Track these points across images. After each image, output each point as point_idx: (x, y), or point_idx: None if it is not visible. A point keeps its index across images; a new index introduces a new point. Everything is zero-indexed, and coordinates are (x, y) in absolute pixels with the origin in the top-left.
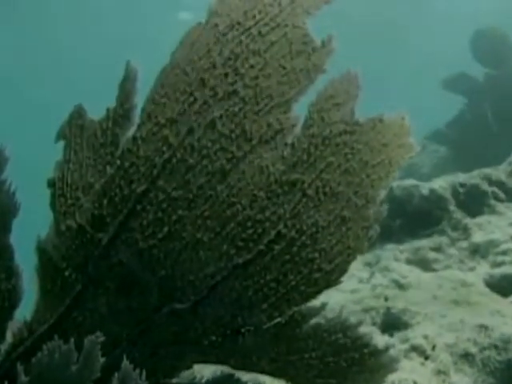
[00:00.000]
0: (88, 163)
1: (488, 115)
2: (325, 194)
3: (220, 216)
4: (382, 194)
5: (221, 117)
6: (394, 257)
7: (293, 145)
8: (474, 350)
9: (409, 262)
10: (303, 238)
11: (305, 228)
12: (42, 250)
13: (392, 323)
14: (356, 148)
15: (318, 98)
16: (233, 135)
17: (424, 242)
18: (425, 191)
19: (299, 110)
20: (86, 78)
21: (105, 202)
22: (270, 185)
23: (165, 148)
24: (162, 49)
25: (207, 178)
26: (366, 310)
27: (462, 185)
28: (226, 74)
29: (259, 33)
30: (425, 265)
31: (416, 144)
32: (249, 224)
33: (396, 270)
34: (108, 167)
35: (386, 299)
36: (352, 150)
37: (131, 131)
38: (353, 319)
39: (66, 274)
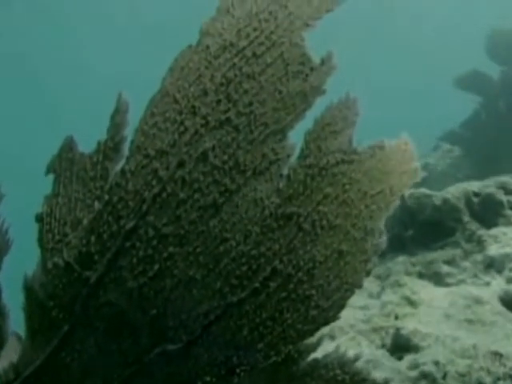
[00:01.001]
0: (77, 197)
1: (503, 114)
2: (322, 227)
3: (213, 252)
4: (381, 224)
5: (213, 148)
6: (406, 270)
7: (288, 176)
8: (487, 380)
9: (421, 275)
10: (300, 274)
11: (301, 263)
12: (28, 289)
13: (402, 345)
14: (354, 178)
15: (314, 126)
16: (225, 167)
17: (437, 255)
18: (437, 201)
19: (295, 134)
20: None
21: (93, 238)
22: (265, 219)
23: (154, 182)
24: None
25: (199, 212)
26: (376, 330)
27: (476, 194)
28: (219, 101)
29: (254, 54)
30: (437, 279)
31: (420, 169)
32: (243, 260)
33: (407, 286)
34: (96, 202)
35: (397, 317)
36: (350, 181)
37: (120, 164)
38: (351, 353)
39: (53, 313)
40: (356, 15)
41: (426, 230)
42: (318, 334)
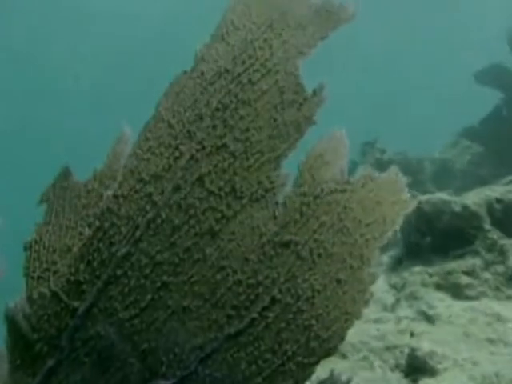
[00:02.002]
0: (68, 225)
1: None
2: (319, 255)
3: (209, 281)
4: (377, 254)
5: (209, 173)
6: (422, 281)
7: (285, 204)
8: None
9: (438, 287)
10: (299, 303)
11: (300, 292)
12: (10, 320)
13: (417, 367)
14: (348, 207)
15: (307, 157)
16: (222, 193)
17: (455, 265)
18: (457, 207)
19: (287, 164)
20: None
21: (82, 266)
22: (263, 246)
23: (148, 207)
24: None
25: (195, 239)
26: (390, 349)
27: (498, 200)
28: (215, 127)
29: (249, 80)
30: (456, 291)
31: (411, 199)
32: (240, 290)
33: (424, 299)
34: (87, 228)
35: (412, 335)
36: (344, 210)
37: (113, 189)
38: (344, 377)
39: (37, 347)
40: None
41: (444, 238)
42: None
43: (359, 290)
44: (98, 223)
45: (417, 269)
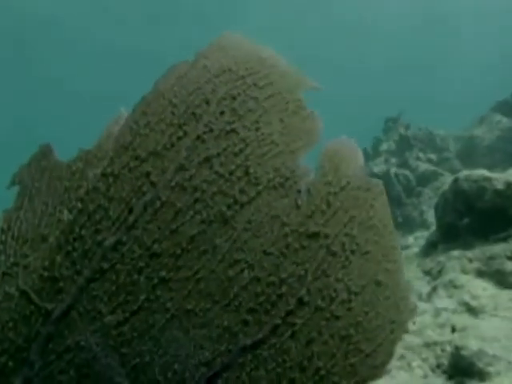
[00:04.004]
0: (44, 210)
1: None
2: (353, 251)
3: (219, 278)
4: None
5: (218, 155)
6: (461, 267)
7: (309, 192)
8: None
9: (480, 274)
10: (333, 306)
11: (333, 294)
12: None
13: (462, 369)
14: (375, 207)
15: (325, 151)
16: (233, 177)
17: (498, 248)
18: (499, 185)
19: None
20: None
21: (58, 259)
22: (285, 237)
23: (145, 188)
24: None
25: (201, 227)
26: (429, 346)
27: None
28: (222, 113)
29: (254, 84)
30: (500, 278)
31: None
32: (259, 289)
33: (465, 287)
34: (66, 213)
35: (454, 330)
36: (372, 208)
37: (101, 167)
38: None
39: (1, 361)
40: None
41: (484, 219)
42: None
43: (401, 296)
44: (80, 205)
45: (455, 253)
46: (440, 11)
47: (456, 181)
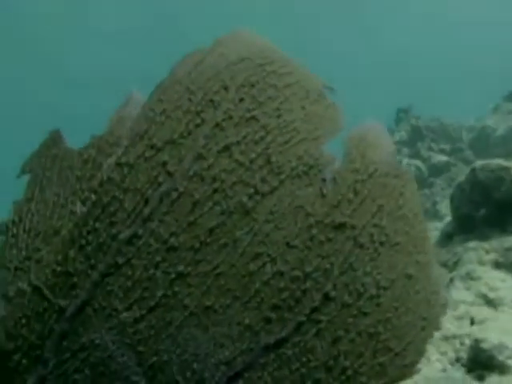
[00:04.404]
0: (56, 202)
1: None
2: (381, 243)
3: (240, 273)
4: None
5: (238, 143)
6: (478, 258)
7: (334, 180)
8: None
9: (497, 265)
10: (360, 302)
11: (361, 289)
12: None
13: (482, 362)
14: (404, 194)
15: (350, 137)
16: (254, 166)
17: None
18: None
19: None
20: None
21: (72, 253)
22: (310, 229)
23: (162, 178)
24: None
25: (221, 218)
26: (447, 339)
27: None
28: (242, 100)
29: (273, 72)
30: None
31: None
32: (282, 284)
33: (482, 279)
34: (80, 205)
35: (473, 322)
36: (401, 196)
37: (115, 156)
38: None
39: (15, 359)
40: None
41: (502, 210)
42: None
43: (432, 290)
44: (94, 197)
45: (471, 244)
46: None
47: (473, 171)
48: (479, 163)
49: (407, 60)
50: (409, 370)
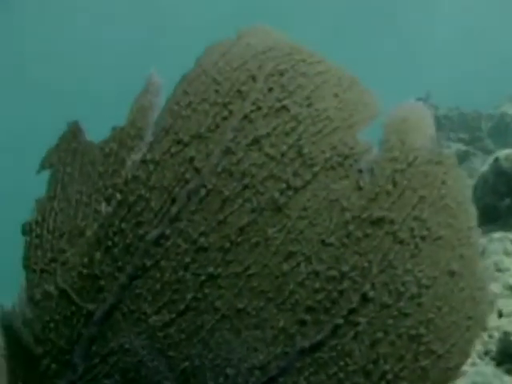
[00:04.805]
0: (79, 200)
1: None
2: (423, 238)
3: (273, 274)
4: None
5: (268, 135)
6: (504, 250)
7: (372, 171)
8: None
9: None
10: (401, 303)
11: (402, 288)
12: (8, 328)
13: None
14: (447, 183)
15: (390, 120)
16: (286, 159)
17: None
18: None
19: None
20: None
21: (98, 255)
22: (346, 225)
23: (189, 175)
24: None
25: (252, 216)
26: None
27: None
28: (271, 89)
29: (303, 60)
30: None
31: None
32: (317, 285)
33: (510, 270)
34: (105, 204)
35: (501, 315)
36: (444, 185)
37: (140, 153)
38: None
39: (43, 364)
40: None
41: None
42: None
43: (477, 286)
44: (119, 197)
45: (496, 235)
46: None
47: (496, 161)
48: (503, 153)
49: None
50: (453, 373)
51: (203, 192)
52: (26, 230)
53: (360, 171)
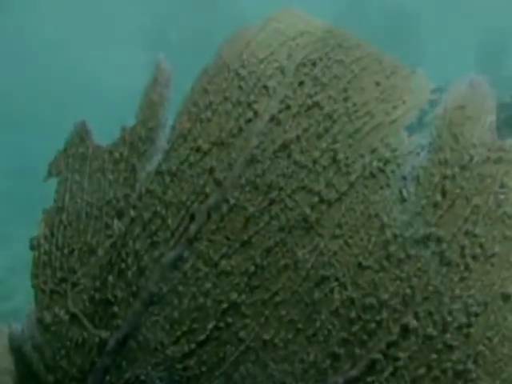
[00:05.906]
0: (90, 213)
1: None
2: (474, 257)
3: (303, 301)
4: None
5: (298, 139)
6: None
7: (417, 179)
8: None
9: None
10: (447, 335)
11: (448, 318)
12: (16, 351)
13: None
14: (507, 185)
15: (444, 109)
16: (318, 167)
17: None
18: None
19: None
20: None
21: (111, 278)
22: (386, 245)
23: (209, 188)
24: None
25: (279, 236)
26: None
27: None
28: (302, 83)
29: (339, 45)
30: None
31: None
32: (353, 314)
33: None
34: (116, 221)
35: None
36: (503, 188)
37: (154, 162)
38: None
39: None
40: None
41: None
42: None
43: None
44: (133, 213)
45: None
46: None
47: None
48: None
49: None
50: None
51: (225, 208)
52: (34, 245)
53: (404, 178)
